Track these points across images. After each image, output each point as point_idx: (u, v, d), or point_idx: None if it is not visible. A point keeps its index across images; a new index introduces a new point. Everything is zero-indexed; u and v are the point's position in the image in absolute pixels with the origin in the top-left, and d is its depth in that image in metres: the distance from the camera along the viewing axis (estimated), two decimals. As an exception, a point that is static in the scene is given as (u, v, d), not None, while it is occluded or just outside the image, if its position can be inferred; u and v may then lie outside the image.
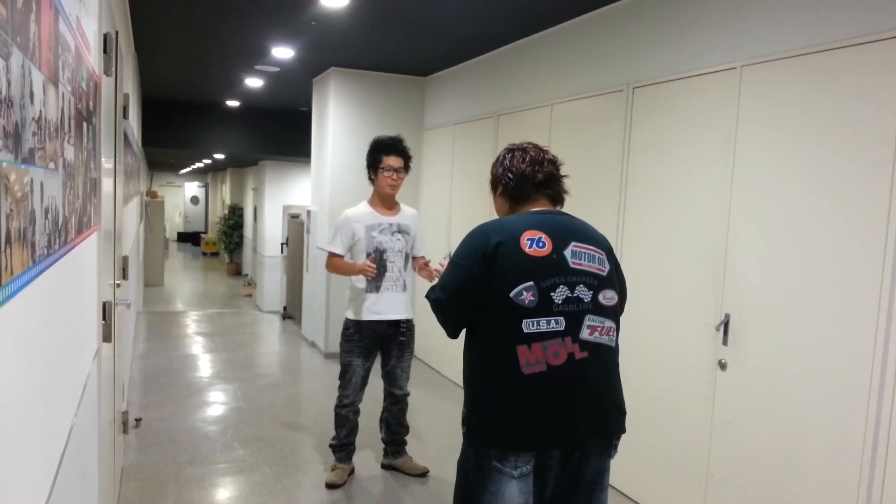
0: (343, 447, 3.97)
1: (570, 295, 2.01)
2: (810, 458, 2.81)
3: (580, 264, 2.06)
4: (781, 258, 2.96)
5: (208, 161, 15.25)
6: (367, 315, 3.82)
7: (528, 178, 2.25)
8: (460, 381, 5.51)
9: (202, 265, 17.21)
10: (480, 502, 2.01)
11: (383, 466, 4.15)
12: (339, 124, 6.83)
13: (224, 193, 17.58)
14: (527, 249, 2.02)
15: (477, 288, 2.03)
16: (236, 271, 14.60)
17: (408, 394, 4.02)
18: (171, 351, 7.11)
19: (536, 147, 2.34)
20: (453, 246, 6.24)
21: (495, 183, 2.35)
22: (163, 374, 6.11)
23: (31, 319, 1.17)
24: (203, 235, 21.10)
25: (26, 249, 1.10)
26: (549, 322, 1.97)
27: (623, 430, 2.14)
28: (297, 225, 8.60)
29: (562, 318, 1.98)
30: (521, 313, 1.97)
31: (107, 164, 2.81)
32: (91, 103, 2.15)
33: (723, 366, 3.23)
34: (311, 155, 7.65)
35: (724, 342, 3.22)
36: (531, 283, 1.98)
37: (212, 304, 10.75)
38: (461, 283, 2.08)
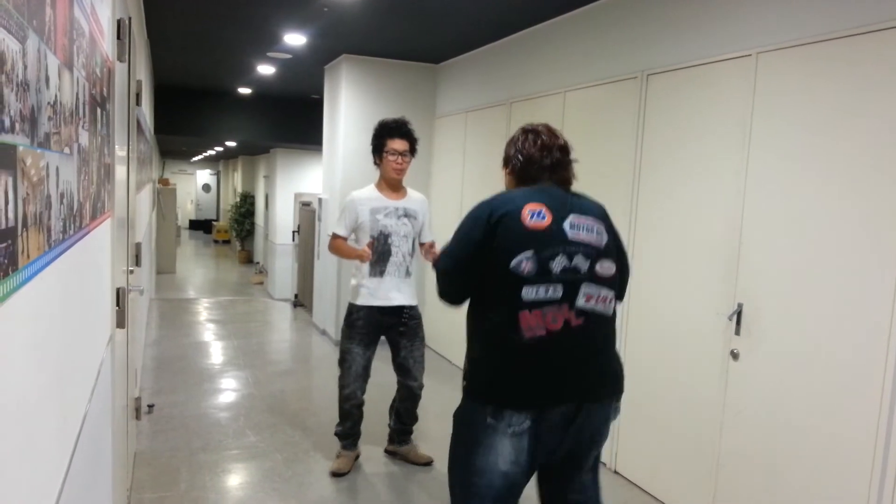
0: (348, 436, 3.94)
1: (567, 265, 2.09)
2: (821, 448, 2.80)
3: (578, 235, 2.15)
4: (795, 248, 2.94)
5: (220, 149, 15.28)
6: (369, 300, 3.74)
7: (536, 162, 2.33)
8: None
9: (214, 253, 17.28)
10: (474, 454, 2.10)
11: (387, 452, 4.14)
12: (351, 112, 6.82)
13: (236, 181, 17.62)
14: (527, 222, 2.11)
15: (481, 257, 2.13)
16: (248, 259, 14.64)
17: (422, 386, 3.93)
18: (183, 338, 7.15)
19: (550, 131, 2.39)
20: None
21: (507, 160, 2.45)
22: (175, 361, 6.15)
23: (46, 304, 1.17)
24: (215, 223, 21.17)
25: (42, 234, 1.10)
26: (547, 290, 2.05)
27: (620, 392, 2.23)
28: (308, 213, 8.61)
29: (559, 286, 2.06)
30: (521, 281, 2.05)
31: (120, 150, 2.81)
32: (105, 89, 2.15)
33: (735, 356, 3.22)
34: (322, 143, 7.65)
35: (737, 332, 3.20)
36: (531, 252, 2.07)
37: (223, 292, 10.80)
38: (466, 252, 2.19)
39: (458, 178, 6.40)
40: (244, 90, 9.38)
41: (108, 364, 2.14)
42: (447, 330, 6.65)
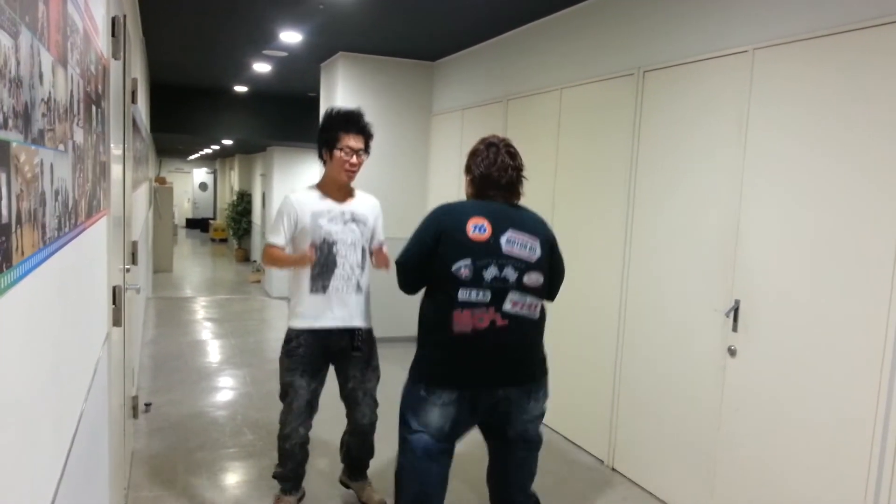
0: (288, 479, 3.33)
1: (498, 274, 2.48)
2: (819, 444, 2.80)
3: (512, 250, 2.52)
4: (793, 244, 2.94)
5: (216, 147, 15.25)
6: (312, 322, 3.14)
7: (492, 181, 2.66)
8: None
9: (211, 251, 17.26)
10: (411, 417, 2.60)
11: (340, 482, 3.60)
12: (348, 110, 6.81)
13: (232, 180, 17.59)
14: (470, 234, 2.50)
15: (430, 258, 2.55)
16: (245, 257, 14.62)
17: (374, 421, 3.33)
18: (180, 336, 7.14)
19: (509, 151, 2.72)
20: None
21: (467, 169, 2.74)
22: (172, 360, 6.14)
23: (42, 301, 1.16)
24: (212, 222, 21.14)
25: (37, 231, 1.10)
26: (478, 294, 2.46)
27: (536, 378, 2.62)
28: (305, 211, 8.59)
29: (489, 292, 2.47)
30: (459, 283, 2.46)
31: (116, 148, 2.80)
32: (100, 87, 2.14)
33: (732, 352, 3.22)
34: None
35: (734, 329, 3.21)
36: (469, 260, 2.47)
37: (221, 290, 10.78)
38: (419, 251, 2.61)
39: (455, 176, 6.40)
40: (240, 88, 9.35)
41: (104, 362, 2.13)
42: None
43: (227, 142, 12.40)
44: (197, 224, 23.67)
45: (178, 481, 3.66)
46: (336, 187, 3.28)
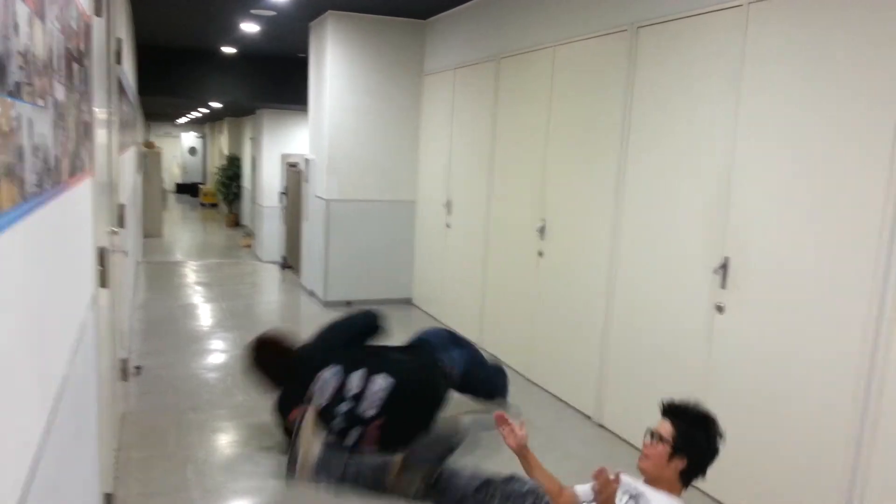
0: None
1: None
2: (804, 400, 2.84)
3: None
4: (784, 201, 2.94)
5: (205, 111, 15.06)
6: None
7: None
8: (460, 327, 5.46)
9: (201, 216, 17.16)
10: None
11: None
12: (337, 70, 6.72)
13: (221, 144, 17.41)
14: None
15: None
16: (235, 222, 14.54)
17: None
18: (171, 300, 7.13)
19: None
20: (452, 193, 6.19)
21: None
22: (163, 323, 6.14)
23: (21, 257, 1.15)
24: (201, 186, 20.97)
25: (15, 185, 1.08)
26: None
27: None
28: (295, 174, 8.54)
29: None
30: None
31: (100, 109, 2.76)
32: (81, 44, 2.09)
33: (720, 309, 3.24)
34: (308, 102, 7.55)
35: (723, 285, 3.22)
36: None
37: (211, 255, 10.75)
38: None
39: (447, 136, 6.35)
40: (228, 50, 9.21)
41: (91, 323, 2.13)
42: (433, 290, 6.67)
43: (216, 105, 12.25)
44: (186, 189, 23.47)
45: (169, 442, 3.69)
46: None
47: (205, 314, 6.60)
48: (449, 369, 3.86)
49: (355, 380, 3.37)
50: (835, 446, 2.72)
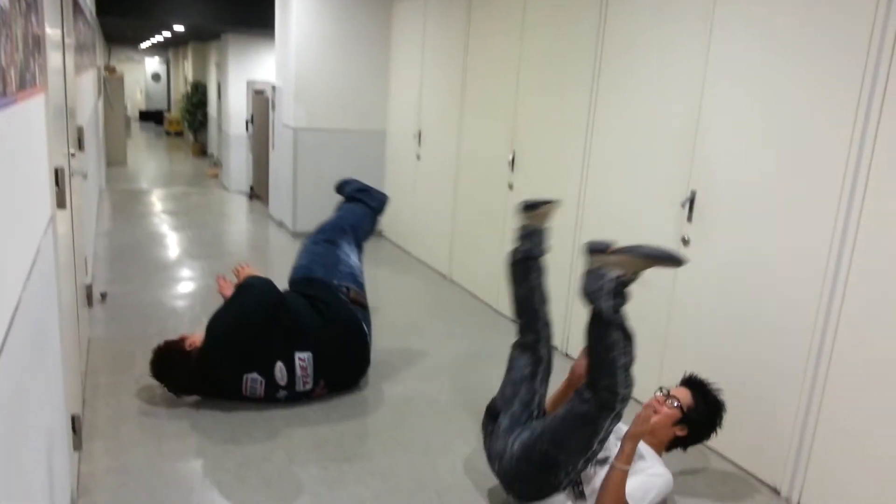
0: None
1: None
2: (764, 330, 2.91)
3: None
4: (751, 135, 2.95)
5: (168, 35, 14.53)
6: None
7: None
8: (429, 261, 5.50)
9: (166, 145, 16.77)
10: None
11: None
12: (304, -7, 6.49)
13: (186, 70, 16.88)
14: None
15: None
16: (202, 151, 14.25)
17: None
18: (136, 228, 7.02)
19: None
20: (422, 124, 6.10)
21: None
22: (128, 251, 6.06)
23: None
24: (166, 114, 20.43)
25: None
26: None
27: None
28: (261, 101, 8.33)
29: None
30: None
31: (52, 24, 2.63)
32: (28, -50, 1.97)
33: (685, 242, 3.28)
34: (275, 27, 7.32)
35: (689, 219, 3.25)
36: None
37: (177, 184, 10.56)
38: None
39: (418, 65, 6.22)
40: (190, -31, 8.83)
41: (49, 244, 2.08)
42: (407, 224, 6.65)
43: (179, 28, 11.81)
44: (151, 116, 22.84)
45: (135, 367, 3.68)
46: None
47: (171, 243, 6.52)
48: (354, 294, 3.74)
49: (278, 373, 3.30)
50: (795, 372, 2.81)
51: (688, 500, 2.80)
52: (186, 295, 4.98)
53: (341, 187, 4.46)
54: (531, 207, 2.79)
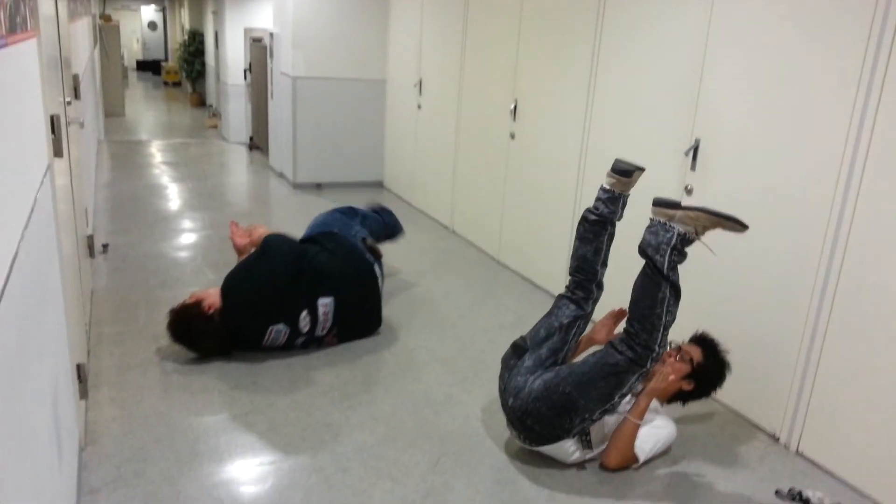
0: None
1: None
2: (766, 278, 2.91)
3: None
4: (756, 83, 2.89)
5: (163, -19, 14.23)
6: None
7: None
8: (431, 212, 5.49)
9: (164, 95, 16.58)
10: None
11: None
12: (302, -63, 6.33)
13: (183, 18, 16.59)
14: None
15: None
16: (200, 102, 14.08)
17: None
18: (136, 180, 6.99)
19: None
20: (423, 73, 6.01)
21: None
22: (129, 202, 6.03)
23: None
24: (163, 64, 20.14)
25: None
26: None
27: None
28: (259, 49, 8.19)
29: None
30: None
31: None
32: None
33: (689, 191, 3.25)
34: (272, -28, 7.15)
35: (693, 167, 3.22)
36: None
37: (176, 135, 10.47)
38: None
39: (418, 11, 6.10)
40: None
41: (47, 193, 2.06)
42: (406, 173, 6.61)
43: (174, -26, 11.55)
44: (148, 66, 22.54)
45: (139, 317, 3.70)
46: None
47: (172, 194, 6.49)
48: (370, 243, 3.93)
49: (302, 322, 3.35)
50: (793, 326, 2.81)
51: (688, 448, 2.84)
52: (188, 246, 4.98)
53: (372, 209, 4.57)
54: (626, 174, 2.73)
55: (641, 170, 2.72)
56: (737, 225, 2.49)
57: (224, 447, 2.64)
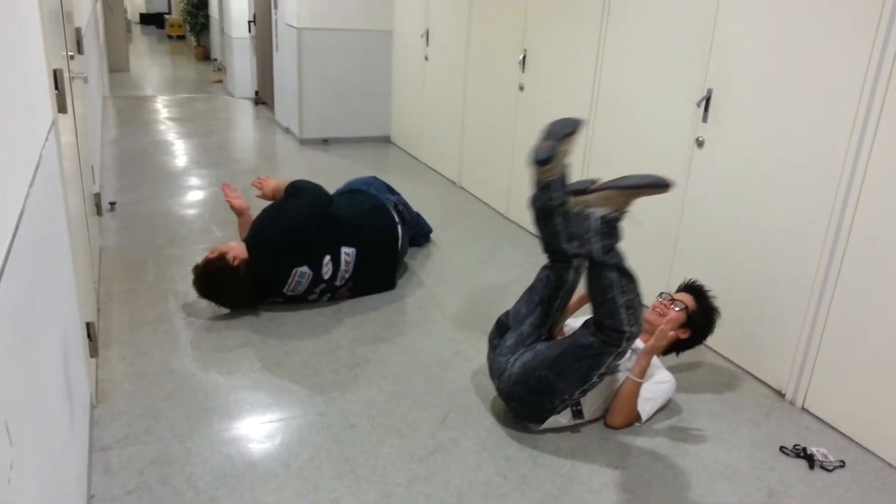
0: None
1: None
2: (776, 232, 2.88)
3: None
4: (770, 34, 2.82)
5: (165, -69, 13.94)
6: None
7: None
8: (438, 167, 5.48)
9: (168, 49, 16.38)
10: None
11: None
12: None
13: (185, -31, 16.27)
14: None
15: None
16: (205, 55, 13.91)
17: None
18: (142, 136, 6.94)
19: None
20: (430, 23, 5.90)
21: None
22: (136, 159, 6.01)
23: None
24: (167, 17, 19.86)
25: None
26: None
27: None
28: (263, 0, 8.06)
29: None
30: None
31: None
32: None
33: (700, 143, 3.20)
34: (275, -79, 6.98)
35: (704, 119, 3.17)
36: None
37: (182, 90, 10.37)
38: None
39: (424, -38, 5.95)
40: None
41: (52, 149, 2.04)
42: (413, 128, 6.55)
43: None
44: (152, 20, 22.22)
45: (148, 275, 3.71)
46: None
47: (178, 151, 6.45)
48: (400, 208, 3.96)
49: (324, 268, 3.38)
50: (804, 281, 2.79)
51: (693, 405, 2.85)
52: (195, 203, 4.97)
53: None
54: (542, 162, 2.55)
55: (562, 142, 2.57)
56: (656, 189, 2.32)
57: (234, 404, 2.66)
